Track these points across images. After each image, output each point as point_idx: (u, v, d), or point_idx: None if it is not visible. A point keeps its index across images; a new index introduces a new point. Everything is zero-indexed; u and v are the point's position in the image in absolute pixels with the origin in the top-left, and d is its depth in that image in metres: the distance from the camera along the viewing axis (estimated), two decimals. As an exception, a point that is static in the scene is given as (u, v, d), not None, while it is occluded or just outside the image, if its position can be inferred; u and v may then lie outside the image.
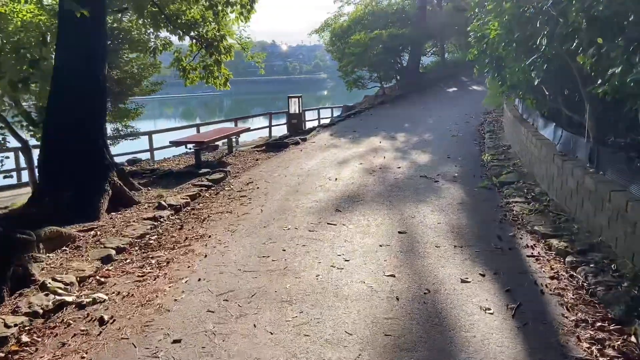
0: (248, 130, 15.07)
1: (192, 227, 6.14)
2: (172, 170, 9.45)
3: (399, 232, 5.63)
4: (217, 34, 11.57)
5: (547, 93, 7.40)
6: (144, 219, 6.24)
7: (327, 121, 20.81)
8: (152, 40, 12.07)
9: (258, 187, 8.06)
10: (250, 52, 16.65)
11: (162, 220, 6.32)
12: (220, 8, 11.33)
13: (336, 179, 8.35)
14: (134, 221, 6.21)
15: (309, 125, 28.85)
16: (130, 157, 12.64)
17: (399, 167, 9.03)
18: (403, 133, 13.13)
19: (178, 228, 6.14)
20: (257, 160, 10.66)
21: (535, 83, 6.62)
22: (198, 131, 15.72)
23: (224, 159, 10.94)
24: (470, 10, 10.90)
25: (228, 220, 6.38)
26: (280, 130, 25.79)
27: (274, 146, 12.10)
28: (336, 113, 26.68)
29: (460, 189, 7.36)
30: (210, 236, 5.78)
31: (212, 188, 8.08)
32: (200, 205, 7.15)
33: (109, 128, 9.90)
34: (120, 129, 10.29)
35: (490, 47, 8.96)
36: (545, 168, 6.68)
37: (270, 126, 18.75)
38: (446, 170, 8.67)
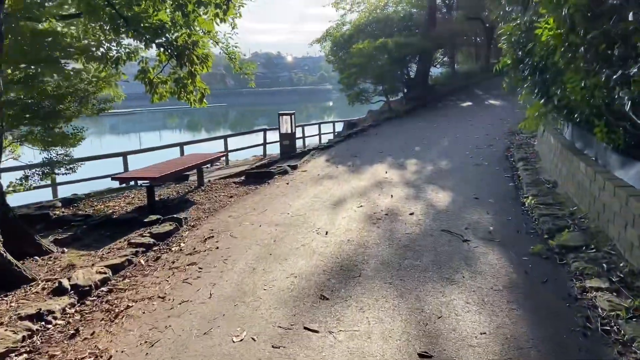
0: (223, 155, 12.89)
1: (92, 334, 3.91)
2: (112, 217, 7.23)
3: (420, 357, 3.38)
4: (189, 40, 9.47)
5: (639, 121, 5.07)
6: (20, 319, 4.01)
7: (330, 137, 18.76)
8: (113, 48, 9.97)
9: (218, 247, 5.83)
10: (239, 62, 14.65)
11: (50, 319, 4.08)
12: (190, 8, 9.26)
13: (327, 233, 6.12)
14: None
15: (310, 141, 26.82)
16: (83, 187, 10.44)
17: (412, 214, 6.78)
18: (414, 159, 10.89)
19: (68, 337, 3.91)
20: (230, 197, 8.45)
21: (627, 107, 4.36)
22: (182, 152, 13.58)
23: (190, 195, 8.75)
24: (494, 14, 8.64)
25: (154, 317, 4.15)
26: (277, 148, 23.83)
27: (256, 177, 9.89)
28: (339, 128, 24.58)
29: (503, 257, 5.10)
30: (110, 358, 3.55)
31: (155, 248, 5.85)
32: (125, 282, 4.92)
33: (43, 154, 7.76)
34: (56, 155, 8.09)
35: (536, 54, 6.74)
36: (637, 234, 4.41)
37: (264, 144, 16.53)
38: (476, 219, 6.40)
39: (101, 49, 9.46)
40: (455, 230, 5.99)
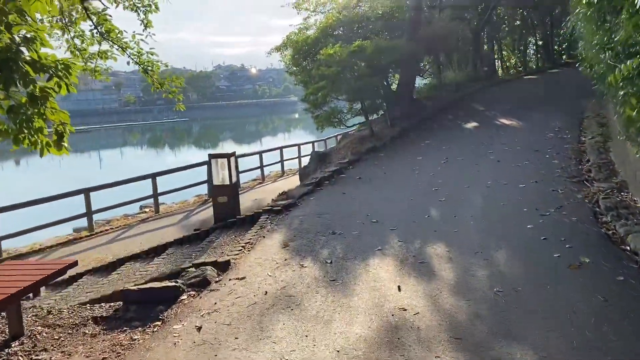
0: (65, 267, 7.76)
1: None
2: None
3: None
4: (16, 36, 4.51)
5: None
6: None
7: (296, 162, 13.66)
8: None
9: None
10: (158, 77, 9.90)
11: None
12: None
13: None
14: None
15: (270, 170, 21.81)
16: None
17: None
18: (441, 245, 6.05)
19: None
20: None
21: None
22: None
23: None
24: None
25: None
26: (247, 176, 18.61)
27: (145, 303, 4.89)
28: (306, 151, 19.70)
29: None
30: None
31: None
32: None
33: None
34: None
35: None
36: None
37: (210, 179, 11.42)
38: None
39: None
40: None
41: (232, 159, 8.96)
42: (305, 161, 19.46)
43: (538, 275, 4.95)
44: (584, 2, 6.30)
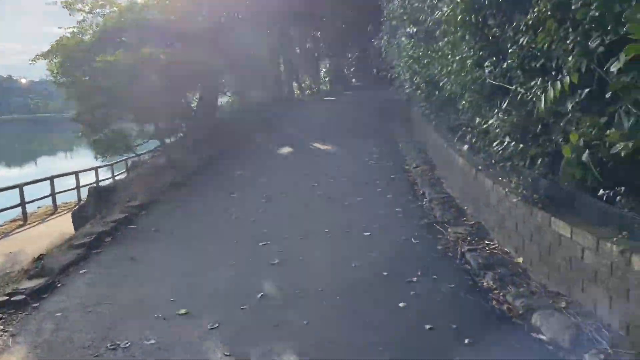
0: None
1: None
2: None
3: None
4: None
5: None
6: None
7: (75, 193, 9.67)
8: None
9: None
10: None
11: None
12: None
13: None
14: None
15: (39, 205, 17.01)
16: None
17: None
18: (291, 356, 3.91)
19: None
20: None
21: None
22: None
23: None
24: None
25: None
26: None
27: None
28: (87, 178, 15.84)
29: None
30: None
31: None
32: None
33: None
34: None
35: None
36: None
37: None
38: None
39: None
40: None
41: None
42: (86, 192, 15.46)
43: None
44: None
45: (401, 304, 4.62)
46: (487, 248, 5.78)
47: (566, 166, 3.12)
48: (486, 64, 4.55)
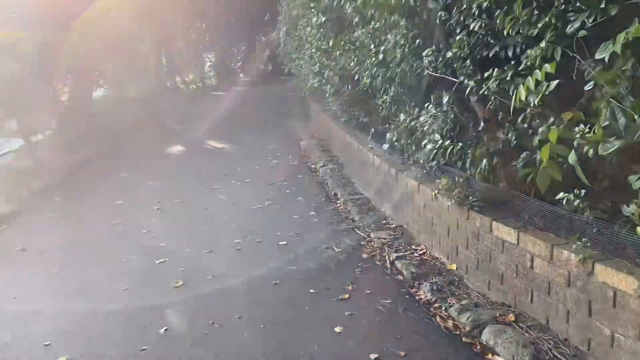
0: None
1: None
2: None
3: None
4: None
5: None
6: None
7: None
8: None
9: None
10: None
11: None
12: None
13: None
14: None
15: None
16: None
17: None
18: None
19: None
20: None
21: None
22: None
23: None
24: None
25: None
26: None
27: None
28: None
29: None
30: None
31: None
32: None
33: None
34: None
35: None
36: None
37: None
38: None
39: None
40: None
41: None
42: None
43: None
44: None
45: (337, 329, 4.00)
46: (416, 254, 5.38)
47: (544, 169, 2.66)
48: (425, 52, 4.06)
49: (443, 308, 4.25)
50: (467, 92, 3.56)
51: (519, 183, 4.28)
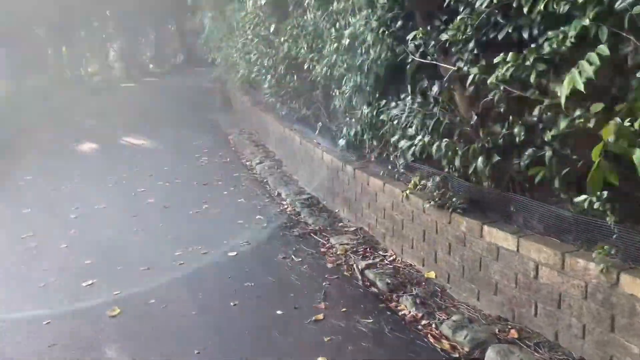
0: None
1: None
2: None
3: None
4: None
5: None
6: None
7: None
8: None
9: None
10: None
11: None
12: None
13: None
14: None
15: None
16: None
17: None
18: None
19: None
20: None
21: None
22: None
23: None
24: None
25: None
26: None
27: None
28: None
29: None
30: None
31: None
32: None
33: None
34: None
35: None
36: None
37: None
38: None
39: None
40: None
41: None
42: None
43: None
44: None
45: (320, 360, 3.38)
46: (386, 261, 4.88)
47: (597, 170, 2.22)
48: (412, 36, 3.52)
49: (433, 325, 3.78)
50: (469, 81, 3.06)
51: (507, 183, 3.91)
